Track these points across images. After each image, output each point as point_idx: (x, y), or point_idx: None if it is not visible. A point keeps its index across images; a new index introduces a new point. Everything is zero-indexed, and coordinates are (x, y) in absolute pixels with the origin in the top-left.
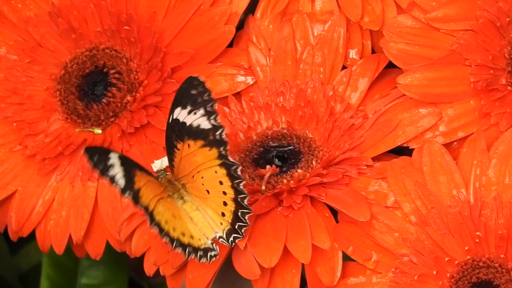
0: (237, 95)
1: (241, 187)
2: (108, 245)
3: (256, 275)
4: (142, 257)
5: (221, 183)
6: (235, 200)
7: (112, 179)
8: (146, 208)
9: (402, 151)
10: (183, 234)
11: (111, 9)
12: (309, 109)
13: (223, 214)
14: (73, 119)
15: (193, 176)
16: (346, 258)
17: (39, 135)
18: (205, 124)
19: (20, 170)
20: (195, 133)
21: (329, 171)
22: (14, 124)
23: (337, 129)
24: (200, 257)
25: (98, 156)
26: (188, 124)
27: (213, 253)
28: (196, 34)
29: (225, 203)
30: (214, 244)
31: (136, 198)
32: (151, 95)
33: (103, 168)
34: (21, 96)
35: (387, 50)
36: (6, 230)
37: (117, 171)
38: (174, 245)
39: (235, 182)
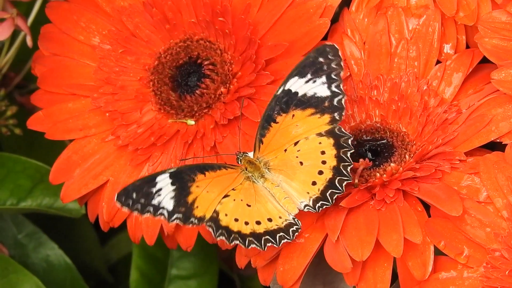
0: None
1: (348, 155)
2: (199, 236)
3: (347, 268)
4: (233, 249)
5: (323, 152)
6: (335, 168)
7: (156, 209)
8: (201, 219)
9: (495, 146)
10: (258, 223)
11: (206, 0)
12: (403, 103)
13: (313, 183)
14: (166, 110)
15: (285, 150)
16: (437, 252)
17: (132, 126)
18: (323, 91)
19: (112, 160)
20: (307, 102)
21: (422, 166)
22: (107, 114)
23: (431, 124)
24: (280, 238)
25: (136, 193)
26: (301, 94)
27: (295, 227)
28: (290, 27)
29: (320, 172)
30: (296, 219)
31: (187, 215)
32: (244, 87)
33: (144, 203)
34: (114, 86)
35: (482, 45)
36: (97, 220)
37: (164, 194)
38: (247, 243)
39: (343, 151)
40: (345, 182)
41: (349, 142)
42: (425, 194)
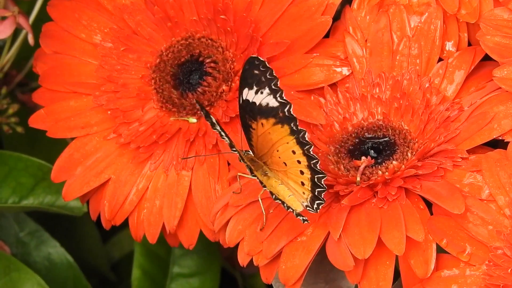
0: (333, 86)
1: (311, 152)
2: (201, 234)
3: (349, 266)
4: (235, 247)
5: (293, 152)
6: (309, 166)
7: (220, 134)
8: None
9: (497, 144)
10: (278, 193)
11: None
12: (405, 100)
13: (302, 183)
14: (168, 108)
15: (271, 154)
16: (439, 250)
17: (134, 124)
18: (272, 102)
19: (114, 158)
20: (265, 111)
21: (424, 163)
22: (109, 112)
23: (433, 121)
24: (297, 215)
25: (205, 112)
26: (258, 103)
27: (304, 218)
28: (292, 24)
29: (301, 172)
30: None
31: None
32: None
33: (211, 123)
34: (116, 84)
35: (484, 42)
36: (98, 218)
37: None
38: (274, 197)
39: (305, 148)
40: (323, 179)
41: (306, 137)
42: (427, 192)
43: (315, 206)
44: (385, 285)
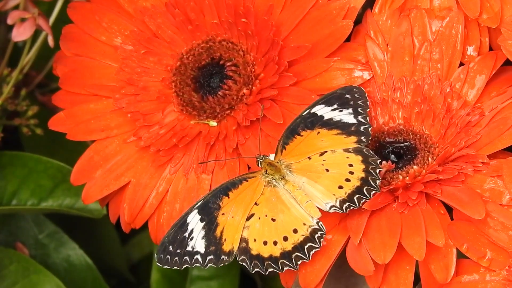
0: None
1: (377, 172)
2: None
3: (370, 271)
4: None
5: (350, 165)
6: (363, 179)
7: (191, 256)
8: (230, 253)
9: None
10: (286, 239)
11: (228, 1)
12: (426, 105)
13: (340, 187)
14: (188, 111)
15: (309, 158)
16: (460, 255)
17: (154, 127)
18: (349, 119)
19: (134, 161)
20: (333, 124)
21: (445, 168)
22: (129, 115)
23: (454, 126)
24: (309, 249)
25: (172, 245)
26: (326, 118)
27: (319, 233)
28: (313, 28)
29: (347, 180)
30: (320, 223)
31: (218, 253)
32: (267, 89)
33: (181, 252)
34: (136, 87)
35: (505, 47)
36: (118, 220)
37: (196, 235)
38: (280, 267)
39: (371, 167)
40: (373, 192)
41: (378, 162)
42: (448, 197)
43: (345, 206)
44: None
